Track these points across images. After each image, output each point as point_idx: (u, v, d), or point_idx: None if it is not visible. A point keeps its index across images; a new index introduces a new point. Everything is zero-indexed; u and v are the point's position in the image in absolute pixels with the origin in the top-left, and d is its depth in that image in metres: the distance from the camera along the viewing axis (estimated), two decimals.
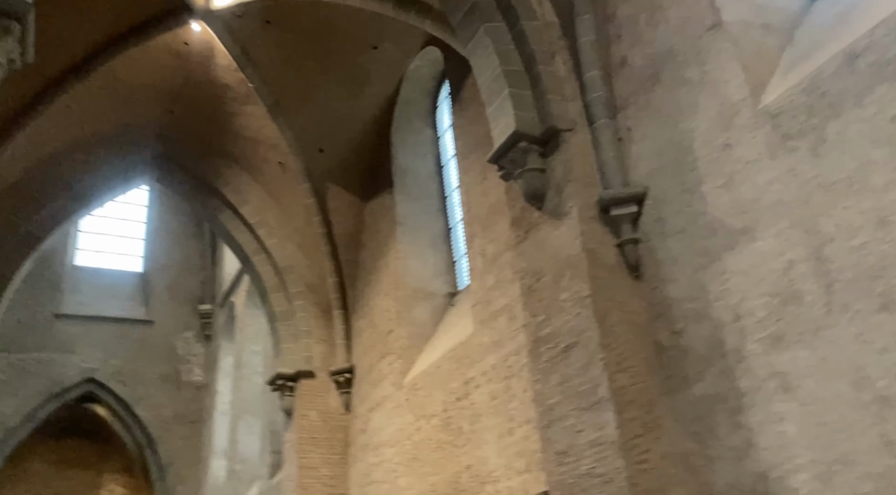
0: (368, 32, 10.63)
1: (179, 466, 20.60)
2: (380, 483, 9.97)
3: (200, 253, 23.54)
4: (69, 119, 10.91)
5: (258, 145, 11.96)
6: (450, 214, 11.24)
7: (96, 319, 21.47)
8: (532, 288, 6.25)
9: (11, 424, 19.36)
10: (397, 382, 10.11)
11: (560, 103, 6.51)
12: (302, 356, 11.56)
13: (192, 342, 22.68)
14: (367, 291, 11.56)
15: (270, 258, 12.12)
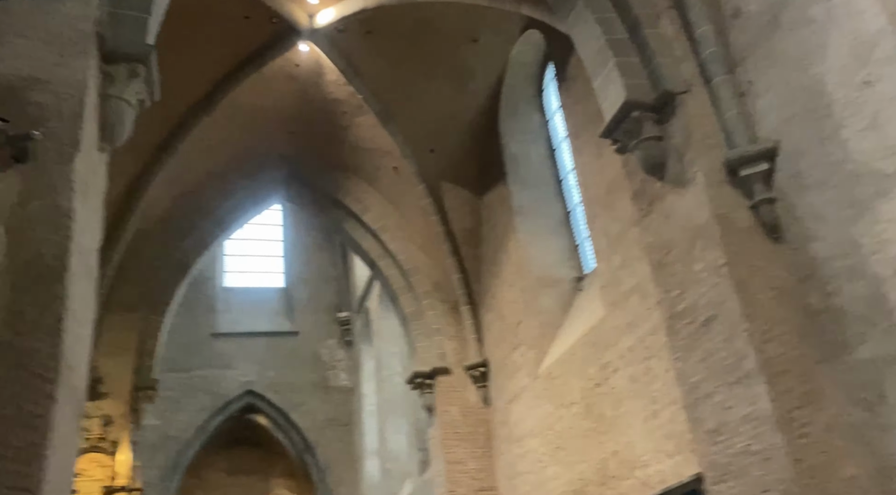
0: (466, 26, 10.62)
1: (337, 468, 21.61)
2: (527, 474, 9.93)
3: (333, 263, 24.58)
4: (202, 151, 11.70)
5: (372, 153, 12.28)
6: (567, 198, 11.00)
7: (248, 335, 22.96)
8: (662, 262, 5.97)
9: (186, 437, 21.05)
10: (532, 372, 10.02)
11: (671, 65, 6.18)
12: (436, 353, 11.75)
13: (335, 348, 23.72)
14: (493, 284, 11.55)
15: (395, 261, 12.42)
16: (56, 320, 3.83)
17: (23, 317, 3.75)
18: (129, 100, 5.06)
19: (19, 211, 4.02)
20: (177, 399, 21.36)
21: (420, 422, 15.14)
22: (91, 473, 8.75)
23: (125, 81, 5.04)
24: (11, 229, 3.93)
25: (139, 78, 5.14)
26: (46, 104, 4.36)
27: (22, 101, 4.30)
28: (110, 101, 4.93)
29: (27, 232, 3.98)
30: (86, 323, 4.39)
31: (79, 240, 4.24)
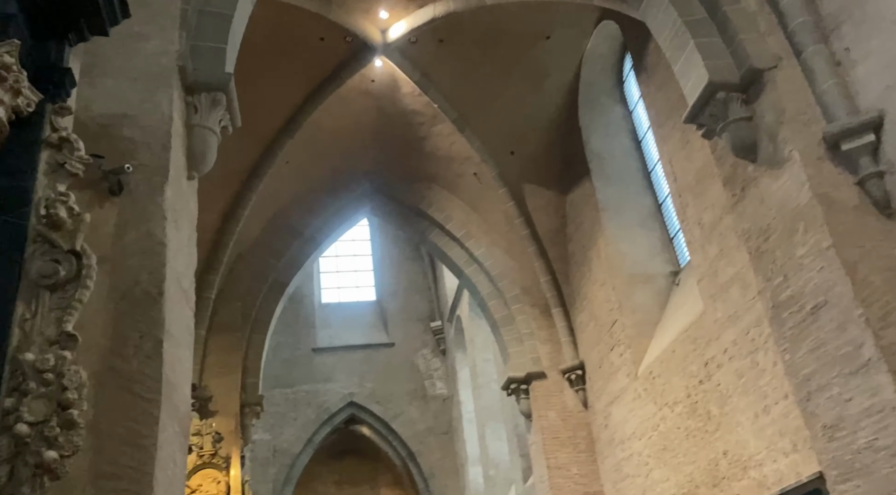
0: (538, 24, 10.47)
1: (441, 476, 21.73)
2: (633, 477, 9.59)
3: (423, 274, 24.85)
4: (288, 173, 12.08)
5: (451, 161, 12.30)
6: (656, 189, 10.62)
7: (346, 348, 23.54)
8: (761, 249, 5.62)
9: (295, 451, 21.76)
10: (631, 373, 9.69)
11: (756, 41, 5.84)
12: (529, 358, 11.58)
13: (430, 357, 23.93)
14: (583, 284, 11.29)
15: (482, 267, 12.36)
16: (156, 344, 3.99)
17: (125, 343, 3.93)
18: (213, 128, 5.25)
19: (117, 241, 4.23)
20: (284, 413, 22.15)
21: (520, 428, 14.97)
22: (206, 488, 9.15)
23: (208, 110, 5.24)
24: (111, 259, 4.14)
25: (221, 106, 5.33)
26: (136, 138, 4.57)
27: (114, 138, 4.53)
28: (195, 130, 5.13)
29: (125, 261, 4.18)
30: (185, 344, 4.56)
31: (173, 266, 4.41)
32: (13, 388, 2.48)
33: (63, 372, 2.56)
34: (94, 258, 2.83)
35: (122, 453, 3.64)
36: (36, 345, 2.63)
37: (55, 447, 2.43)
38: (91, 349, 3.92)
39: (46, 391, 2.51)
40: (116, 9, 3.41)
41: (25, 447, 2.40)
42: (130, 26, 4.99)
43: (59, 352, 2.63)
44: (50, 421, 2.46)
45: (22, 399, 2.47)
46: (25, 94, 2.89)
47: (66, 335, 2.68)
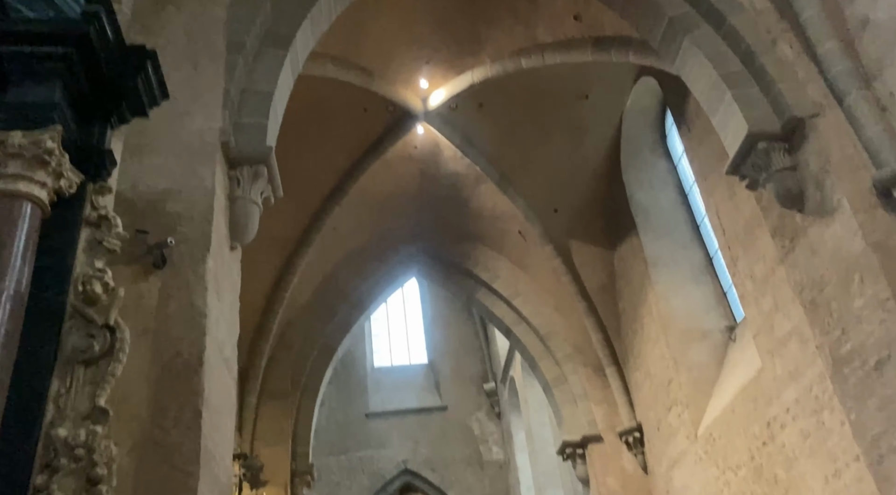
0: (576, 84, 10.58)
1: None
2: None
3: (474, 334, 24.63)
4: (336, 238, 12.31)
5: (496, 220, 12.33)
6: (706, 242, 10.36)
7: (400, 413, 23.28)
8: (816, 302, 5.37)
9: None
10: (691, 434, 9.26)
11: (795, 89, 5.75)
12: (584, 420, 11.22)
13: (485, 421, 23.43)
14: (636, 341, 10.97)
15: (531, 326, 12.18)
16: (195, 414, 4.00)
17: (165, 414, 3.96)
18: (255, 199, 5.40)
19: (160, 313, 4.32)
20: (338, 482, 21.88)
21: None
22: None
23: (250, 183, 5.40)
24: (154, 331, 4.22)
25: (262, 178, 5.49)
26: (180, 212, 4.73)
27: (159, 212, 4.69)
28: (237, 202, 5.28)
29: (168, 332, 4.25)
30: (226, 413, 4.57)
31: (214, 335, 4.47)
32: (45, 465, 2.51)
33: (94, 448, 2.58)
34: (128, 332, 2.89)
35: None
36: (69, 420, 2.66)
37: None
38: (132, 421, 3.97)
39: (77, 467, 2.53)
40: (156, 91, 3.58)
41: None
42: (177, 106, 5.25)
43: (91, 427, 2.66)
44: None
45: (53, 476, 2.49)
46: (67, 176, 3.03)
47: (99, 410, 2.72)
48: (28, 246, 2.81)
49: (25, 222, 2.81)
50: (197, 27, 5.67)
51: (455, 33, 10.00)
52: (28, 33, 3.03)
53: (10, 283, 2.66)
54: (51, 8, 3.27)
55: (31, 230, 2.84)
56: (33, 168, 2.89)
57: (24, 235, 2.80)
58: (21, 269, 2.74)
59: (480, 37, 10.00)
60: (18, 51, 3.04)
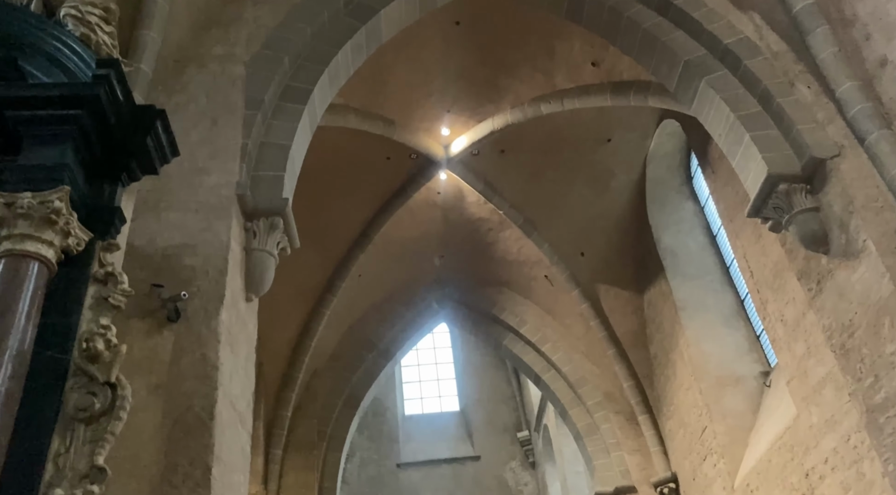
0: (598, 128, 10.60)
1: None
2: None
3: (506, 381, 24.26)
4: (361, 287, 12.35)
5: (521, 265, 12.26)
6: (737, 285, 10.13)
7: (432, 463, 22.83)
8: (846, 347, 5.17)
9: None
10: (728, 486, 8.89)
11: (815, 130, 5.67)
12: (617, 471, 10.87)
13: (520, 471, 22.85)
14: (668, 388, 10.67)
15: (560, 373, 11.96)
16: (205, 471, 3.97)
17: (175, 470, 3.93)
18: (271, 251, 5.44)
19: (173, 367, 4.34)
20: None
21: None
22: None
23: (266, 234, 5.46)
24: (166, 385, 4.24)
25: (278, 229, 5.54)
26: (195, 266, 4.79)
27: (175, 267, 4.76)
28: (253, 254, 5.33)
29: (180, 386, 4.26)
30: (238, 469, 4.52)
31: (227, 389, 4.46)
32: None
33: None
34: (129, 389, 2.88)
35: None
36: (67, 480, 2.65)
37: None
38: (142, 478, 3.95)
39: None
40: (166, 149, 3.65)
41: None
42: (195, 162, 5.39)
43: (88, 487, 2.64)
44: None
45: None
46: (75, 234, 3.09)
47: (97, 469, 2.70)
48: (34, 304, 2.85)
49: (31, 281, 2.86)
50: (216, 85, 5.83)
51: (475, 82, 10.14)
52: (41, 97, 3.14)
53: (13, 343, 2.69)
54: (65, 74, 3.40)
55: (36, 289, 2.88)
56: (41, 228, 2.95)
57: (29, 295, 2.84)
58: (25, 329, 2.77)
59: (500, 85, 10.12)
60: (32, 115, 3.15)
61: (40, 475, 2.65)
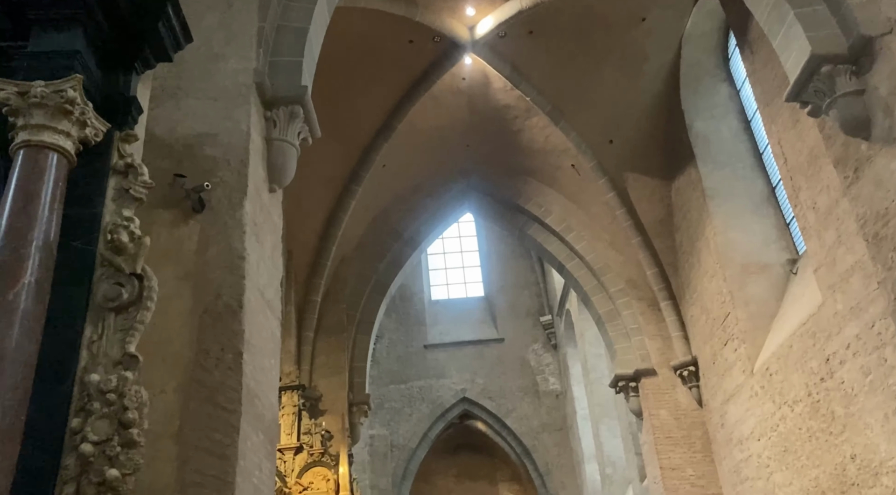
0: (632, 6, 10.03)
1: (557, 472, 21.43)
2: (753, 480, 8.99)
3: (530, 269, 24.59)
4: (386, 176, 12.27)
5: (548, 154, 12.03)
6: (769, 172, 9.87)
7: (457, 344, 23.70)
8: (879, 236, 5.06)
9: (412, 445, 22.18)
10: (747, 369, 9.08)
11: (866, 6, 5.27)
12: (637, 354, 11.12)
13: (542, 353, 23.63)
14: (693, 276, 10.69)
15: (584, 261, 12.01)
16: (236, 355, 4.11)
17: (208, 355, 4.08)
18: (292, 141, 5.37)
19: (200, 257, 4.40)
20: (399, 409, 22.65)
21: (634, 426, 14.46)
22: (317, 486, 9.46)
23: (286, 124, 5.36)
24: (195, 275, 4.32)
25: (299, 119, 5.43)
26: (216, 156, 4.75)
27: (196, 157, 4.72)
28: (274, 144, 5.26)
29: (208, 275, 4.34)
30: (269, 354, 4.68)
31: (254, 278, 4.54)
32: (80, 408, 2.61)
33: (125, 393, 2.66)
34: (156, 280, 2.93)
35: (206, 463, 3.78)
36: (101, 366, 2.74)
37: (117, 466, 2.53)
38: (177, 362, 4.12)
39: (109, 411, 2.61)
40: (179, 35, 3.51)
41: (90, 466, 2.50)
42: (211, 48, 5.22)
43: (121, 373, 2.73)
44: (112, 441, 2.56)
45: (87, 419, 2.58)
46: (92, 124, 3.03)
47: (129, 356, 2.78)
48: (55, 196, 2.85)
49: (52, 172, 2.84)
50: None
51: None
52: None
53: (38, 234, 2.72)
54: None
55: (57, 180, 2.87)
56: (57, 118, 2.90)
57: (50, 186, 2.83)
58: (49, 220, 2.78)
59: None
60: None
61: (76, 361, 2.75)
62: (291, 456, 9.53)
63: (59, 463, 2.50)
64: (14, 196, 2.75)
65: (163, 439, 3.76)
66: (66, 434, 2.57)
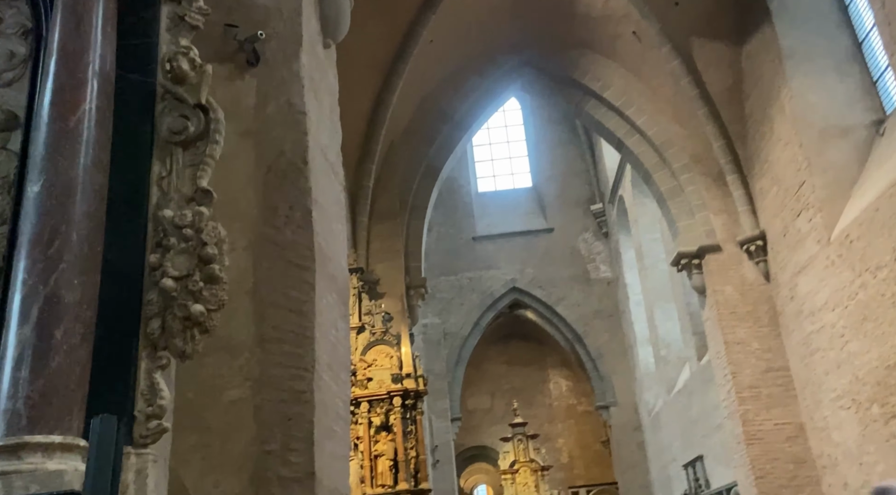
0: None
1: (609, 357, 21.70)
2: (825, 350, 8.76)
3: (580, 156, 23.94)
4: (433, 55, 11.66)
5: (607, 22, 11.21)
6: (855, 26, 9.00)
7: (505, 236, 23.63)
8: None
9: (464, 333, 22.63)
10: (822, 239, 8.64)
11: None
12: (701, 231, 10.72)
13: (592, 241, 23.41)
14: (763, 146, 10.07)
15: (645, 137, 11.42)
16: (305, 213, 3.92)
17: (276, 213, 3.90)
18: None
19: (259, 114, 4.14)
20: (450, 299, 22.98)
21: (692, 306, 14.28)
22: (381, 362, 9.64)
23: None
24: (255, 132, 4.07)
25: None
26: (268, 6, 4.38)
27: (247, 6, 4.36)
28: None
29: (269, 133, 4.10)
30: (336, 218, 4.50)
31: (316, 137, 4.28)
32: (157, 244, 2.45)
33: (201, 228, 2.48)
34: (221, 112, 2.68)
35: (284, 318, 3.68)
36: (174, 201, 2.56)
37: (201, 301, 2.38)
38: (244, 219, 3.94)
39: (187, 246, 2.45)
40: None
41: (173, 301, 2.37)
42: None
43: (196, 208, 2.55)
44: (193, 276, 2.41)
45: (165, 254, 2.43)
46: None
47: (202, 191, 2.59)
48: (107, 21, 2.59)
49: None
50: None
51: None
52: None
53: (94, 57, 2.48)
54: None
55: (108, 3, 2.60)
56: None
57: (101, 10, 2.56)
58: (104, 44, 2.54)
59: None
60: None
61: (147, 197, 2.57)
62: (354, 334, 9.66)
63: (141, 298, 2.37)
64: (64, 16, 2.50)
65: (238, 296, 3.65)
66: (146, 270, 2.42)
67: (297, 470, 3.36)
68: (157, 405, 2.22)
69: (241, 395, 3.48)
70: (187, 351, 2.36)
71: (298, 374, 3.58)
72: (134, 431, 2.19)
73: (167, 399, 2.25)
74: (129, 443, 2.17)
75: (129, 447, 2.15)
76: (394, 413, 9.30)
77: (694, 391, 14.42)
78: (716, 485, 12.66)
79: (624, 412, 21.21)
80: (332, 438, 3.82)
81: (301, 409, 3.50)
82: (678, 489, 15.74)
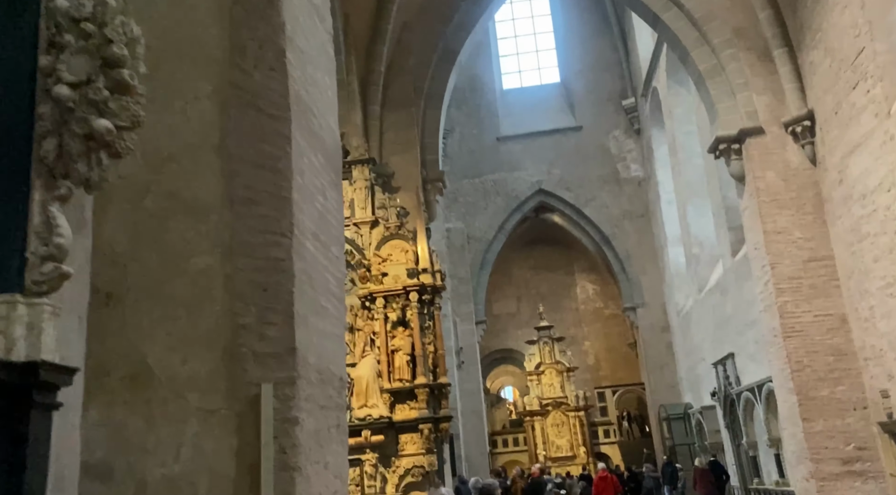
0: None
1: (637, 258, 21.14)
2: (876, 236, 8.05)
3: (612, 48, 22.52)
4: None
5: None
6: None
7: (531, 135, 22.69)
8: None
9: (488, 237, 22.14)
10: (881, 111, 7.75)
11: None
12: (743, 112, 9.82)
13: (623, 139, 22.38)
14: (815, 14, 9.00)
15: (683, 10, 10.33)
16: (278, 53, 3.31)
17: (244, 54, 3.29)
18: None
19: None
20: (474, 203, 22.37)
21: (728, 200, 13.53)
22: (396, 257, 9.20)
23: None
24: None
25: None
26: None
27: None
28: None
29: None
30: (322, 69, 3.87)
31: None
32: (49, 44, 1.87)
33: (105, 22, 1.88)
34: None
35: (256, 176, 3.14)
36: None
37: (106, 114, 1.82)
38: (208, 62, 3.34)
39: (87, 44, 1.86)
40: None
41: (71, 114, 1.81)
42: None
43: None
44: (96, 82, 1.84)
45: (59, 55, 1.85)
46: None
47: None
48: None
49: None
50: None
51: None
52: None
53: None
54: None
55: None
56: None
57: None
58: None
59: None
60: None
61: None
62: (367, 229, 9.21)
63: (32, 112, 1.81)
64: None
65: (203, 150, 3.12)
66: (37, 76, 1.85)
67: (276, 346, 2.90)
68: (55, 244, 1.72)
69: (209, 263, 2.99)
70: (93, 178, 1.83)
71: (275, 240, 3.06)
72: (25, 276, 1.71)
73: (66, 237, 1.74)
74: (20, 291, 1.70)
75: (18, 295, 1.68)
76: (410, 308, 8.95)
77: (727, 288, 13.89)
78: (746, 382, 12.33)
79: (652, 313, 20.84)
80: (322, 315, 3.35)
81: (279, 278, 3.00)
82: (707, 388, 15.51)
